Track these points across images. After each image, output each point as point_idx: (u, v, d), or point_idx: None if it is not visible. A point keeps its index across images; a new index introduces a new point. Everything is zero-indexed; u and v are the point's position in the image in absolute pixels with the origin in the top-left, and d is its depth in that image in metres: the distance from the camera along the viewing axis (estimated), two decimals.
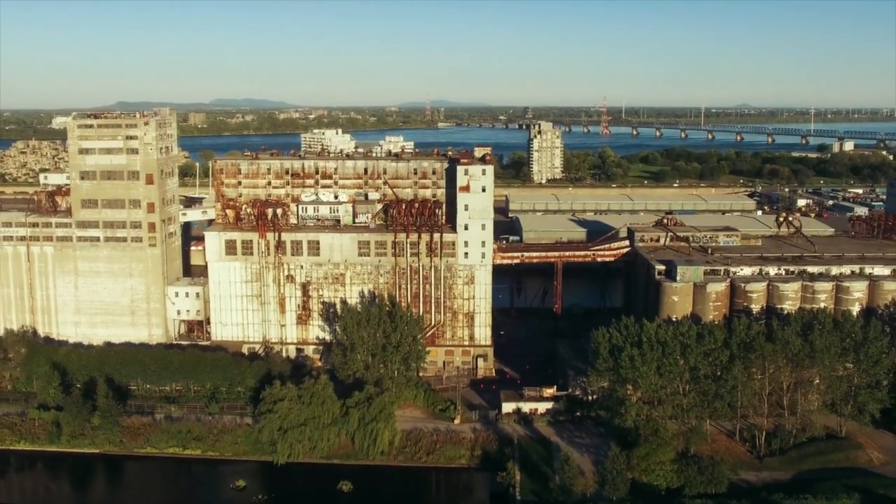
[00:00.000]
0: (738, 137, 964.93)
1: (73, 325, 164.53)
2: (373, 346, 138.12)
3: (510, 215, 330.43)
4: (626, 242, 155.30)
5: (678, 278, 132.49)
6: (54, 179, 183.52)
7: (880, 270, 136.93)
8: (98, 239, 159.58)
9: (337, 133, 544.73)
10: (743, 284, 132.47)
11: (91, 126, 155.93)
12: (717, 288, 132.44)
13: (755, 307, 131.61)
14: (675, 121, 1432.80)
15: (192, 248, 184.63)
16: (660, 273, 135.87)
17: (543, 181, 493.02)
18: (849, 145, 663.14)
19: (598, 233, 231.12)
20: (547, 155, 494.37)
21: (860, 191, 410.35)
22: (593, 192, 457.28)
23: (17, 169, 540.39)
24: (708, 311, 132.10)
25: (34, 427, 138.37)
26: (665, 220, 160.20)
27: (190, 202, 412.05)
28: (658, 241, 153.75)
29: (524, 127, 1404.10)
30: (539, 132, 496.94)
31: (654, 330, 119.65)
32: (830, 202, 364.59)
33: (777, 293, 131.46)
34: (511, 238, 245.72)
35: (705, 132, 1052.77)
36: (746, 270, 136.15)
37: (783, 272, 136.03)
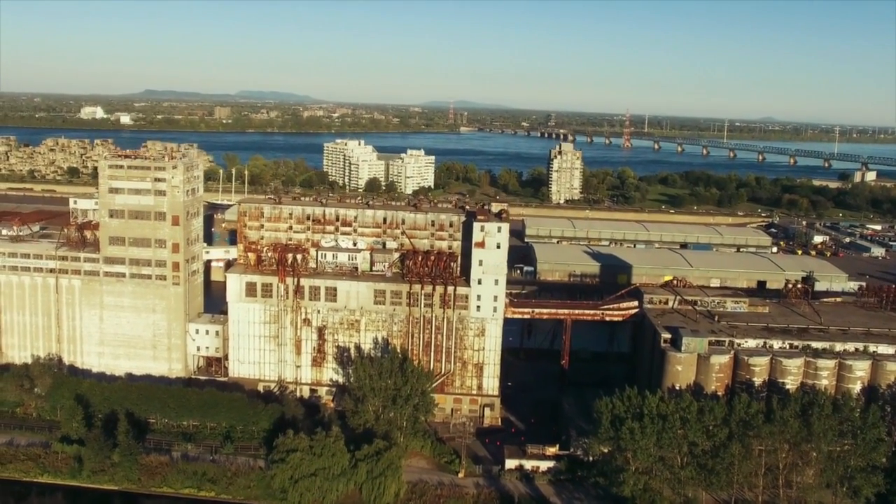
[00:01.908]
0: (760, 158, 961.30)
1: (97, 355, 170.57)
2: (383, 398, 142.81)
3: (526, 240, 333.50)
4: (635, 303, 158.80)
5: (683, 348, 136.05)
6: (83, 205, 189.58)
7: (885, 349, 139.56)
8: (124, 275, 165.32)
9: (359, 144, 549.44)
10: (746, 357, 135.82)
11: (121, 167, 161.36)
12: (721, 360, 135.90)
13: (757, 380, 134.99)
14: (698, 135, 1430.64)
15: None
16: (665, 341, 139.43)
17: (562, 201, 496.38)
18: (871, 175, 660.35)
19: (611, 267, 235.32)
20: (566, 176, 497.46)
21: (879, 227, 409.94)
22: (611, 216, 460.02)
23: (46, 166, 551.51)
24: (711, 382, 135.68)
25: (57, 460, 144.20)
26: (675, 282, 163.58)
27: (214, 209, 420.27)
28: (666, 303, 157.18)
29: (546, 135, 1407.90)
30: (559, 153, 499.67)
31: (655, 403, 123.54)
32: (847, 239, 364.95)
33: (780, 368, 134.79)
34: (525, 268, 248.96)
35: (727, 150, 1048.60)
36: (751, 342, 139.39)
37: (787, 346, 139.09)
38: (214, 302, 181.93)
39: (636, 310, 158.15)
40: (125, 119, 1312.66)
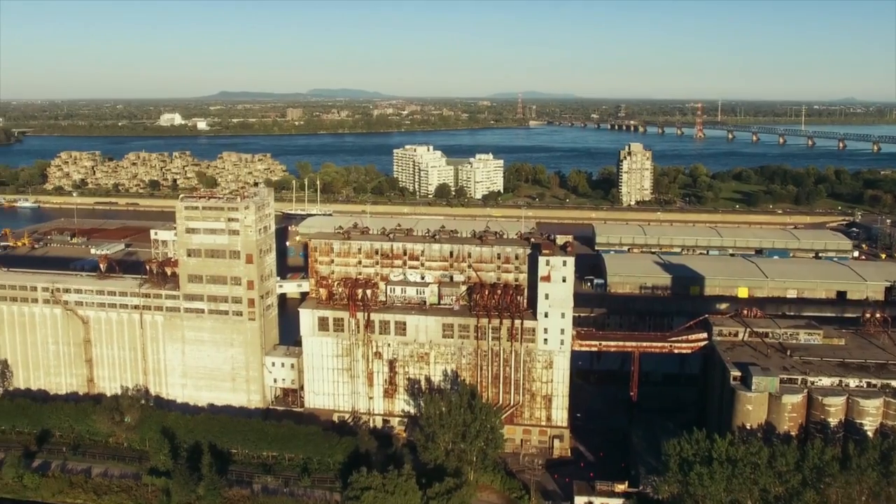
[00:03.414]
0: (841, 145, 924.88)
1: (181, 386, 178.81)
2: (453, 434, 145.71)
3: (596, 248, 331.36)
4: (704, 334, 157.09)
5: (753, 387, 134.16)
6: (163, 236, 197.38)
7: None
8: (203, 311, 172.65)
9: (428, 149, 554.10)
10: (821, 397, 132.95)
11: (197, 208, 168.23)
12: (794, 400, 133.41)
13: (833, 421, 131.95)
14: (774, 121, 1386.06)
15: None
16: (735, 379, 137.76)
17: (632, 203, 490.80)
18: None
19: (683, 278, 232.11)
20: (636, 177, 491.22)
21: None
22: (683, 217, 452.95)
23: (128, 180, 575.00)
24: (783, 422, 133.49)
25: (147, 493, 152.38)
26: (745, 312, 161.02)
27: (288, 219, 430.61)
28: (736, 335, 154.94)
29: (616, 127, 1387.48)
30: (629, 153, 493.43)
31: (724, 447, 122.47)
32: None
33: (857, 408, 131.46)
34: (595, 281, 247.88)
35: (805, 138, 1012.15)
36: (825, 381, 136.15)
37: (865, 385, 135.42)
38: (291, 322, 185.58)
39: (705, 342, 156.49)
40: (202, 125, 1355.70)
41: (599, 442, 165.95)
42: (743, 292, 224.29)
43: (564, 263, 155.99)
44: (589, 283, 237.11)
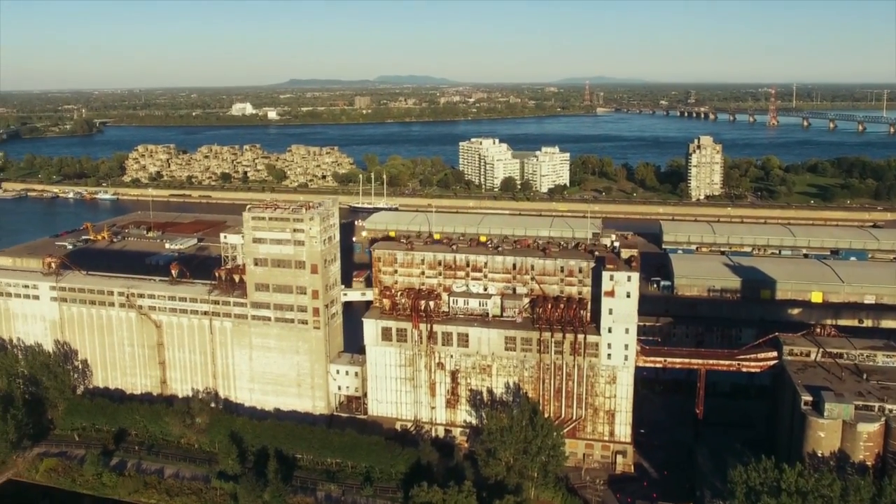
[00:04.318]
0: None
1: (248, 391, 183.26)
2: (514, 452, 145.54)
3: (663, 246, 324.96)
4: (774, 353, 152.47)
5: (826, 414, 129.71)
6: (232, 240, 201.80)
7: None
8: (269, 319, 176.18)
9: (494, 142, 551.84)
10: None
11: (263, 219, 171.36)
12: (870, 428, 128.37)
13: None
14: (853, 106, 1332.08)
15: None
16: (806, 403, 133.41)
17: (701, 197, 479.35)
18: None
19: (753, 282, 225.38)
20: (706, 171, 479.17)
21: None
22: (754, 213, 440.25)
23: (201, 173, 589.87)
24: (858, 451, 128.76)
25: (216, 496, 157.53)
26: (819, 330, 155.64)
27: (355, 213, 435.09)
28: (808, 355, 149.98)
29: (686, 115, 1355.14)
30: (698, 147, 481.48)
31: (793, 478, 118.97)
32: None
33: None
34: (662, 283, 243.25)
35: (887, 125, 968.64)
36: None
37: None
38: (357, 326, 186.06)
39: (775, 361, 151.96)
40: (272, 114, 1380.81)
41: (664, 458, 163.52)
42: (817, 297, 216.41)
43: (629, 279, 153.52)
44: (655, 285, 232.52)
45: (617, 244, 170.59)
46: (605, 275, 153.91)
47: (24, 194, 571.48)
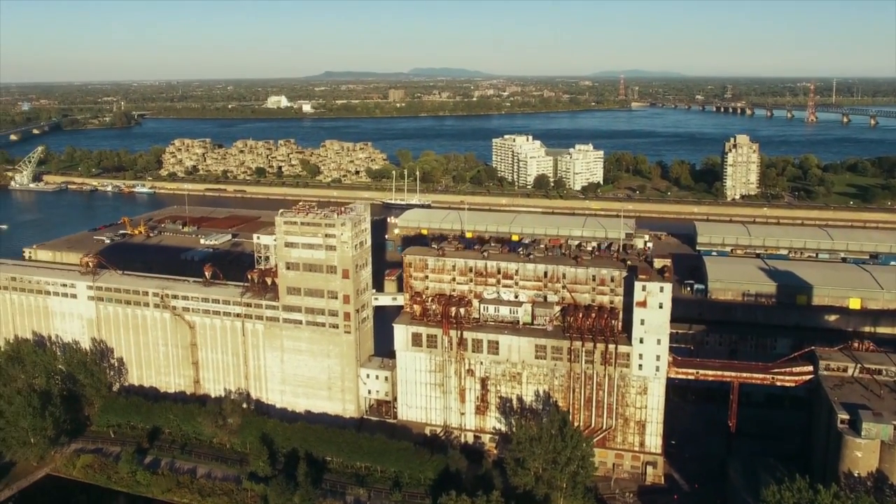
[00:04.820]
0: None
1: (279, 392, 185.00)
2: (543, 462, 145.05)
3: (697, 248, 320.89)
4: (809, 368, 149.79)
5: (863, 434, 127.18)
6: (265, 240, 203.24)
7: None
8: (300, 322, 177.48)
9: (527, 139, 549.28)
10: None
11: (295, 223, 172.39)
12: None
13: None
14: (895, 101, 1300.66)
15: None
16: (842, 422, 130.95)
17: (737, 197, 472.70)
18: None
19: (789, 287, 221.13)
20: (742, 170, 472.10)
21: None
22: (790, 214, 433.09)
23: (236, 167, 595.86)
24: None
25: (247, 497, 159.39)
26: (857, 344, 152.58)
27: (388, 209, 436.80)
28: (845, 370, 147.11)
29: (722, 110, 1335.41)
30: (734, 146, 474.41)
31: (828, 499, 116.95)
32: None
33: None
34: (696, 286, 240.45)
35: None
36: None
37: None
38: (387, 330, 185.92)
39: (810, 376, 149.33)
40: (307, 107, 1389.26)
41: (695, 469, 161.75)
42: (855, 304, 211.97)
43: (661, 290, 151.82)
44: (689, 289, 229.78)
45: (650, 245, 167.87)
46: (638, 285, 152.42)
47: (64, 187, 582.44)
